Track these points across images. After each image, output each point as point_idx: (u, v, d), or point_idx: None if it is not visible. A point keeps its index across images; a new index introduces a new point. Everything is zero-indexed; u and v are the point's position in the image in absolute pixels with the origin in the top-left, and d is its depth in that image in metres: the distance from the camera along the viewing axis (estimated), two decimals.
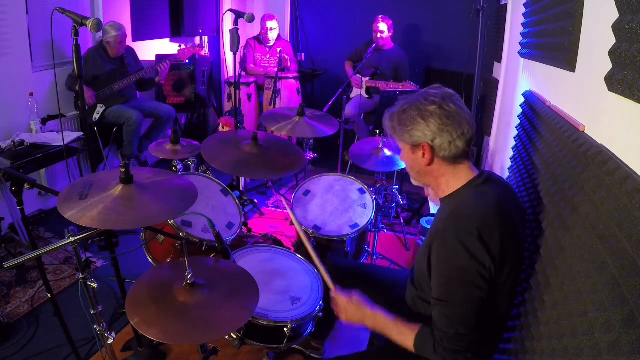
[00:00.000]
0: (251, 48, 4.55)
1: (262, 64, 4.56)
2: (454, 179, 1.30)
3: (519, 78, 2.51)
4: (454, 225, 1.19)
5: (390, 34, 4.10)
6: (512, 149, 2.15)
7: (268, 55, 4.55)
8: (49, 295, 1.75)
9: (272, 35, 4.45)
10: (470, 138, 1.26)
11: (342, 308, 1.45)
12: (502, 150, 2.63)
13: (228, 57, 4.54)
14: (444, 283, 1.21)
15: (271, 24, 4.39)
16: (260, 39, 4.53)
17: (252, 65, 4.55)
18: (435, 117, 1.22)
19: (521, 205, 1.39)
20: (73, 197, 1.28)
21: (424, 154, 1.27)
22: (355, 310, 1.42)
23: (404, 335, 1.31)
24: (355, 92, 4.36)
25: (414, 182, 1.42)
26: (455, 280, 1.18)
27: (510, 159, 2.17)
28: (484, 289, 1.17)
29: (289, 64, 4.50)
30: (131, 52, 3.71)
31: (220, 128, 3.60)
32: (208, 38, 4.90)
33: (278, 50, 4.48)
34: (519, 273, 1.29)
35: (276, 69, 4.19)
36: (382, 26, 4.03)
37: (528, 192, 1.59)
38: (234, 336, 1.63)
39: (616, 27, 0.94)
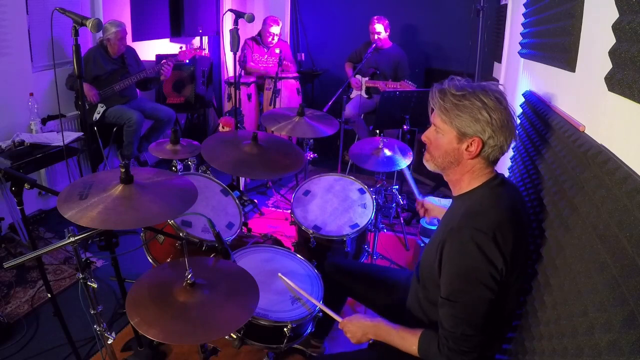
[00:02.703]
0: (249, 48, 4.54)
1: (261, 64, 4.56)
2: (477, 179, 1.29)
3: (519, 78, 2.51)
4: (470, 225, 1.18)
5: (388, 34, 4.10)
6: (512, 149, 2.14)
7: (266, 56, 4.55)
8: (49, 295, 1.75)
9: (274, 40, 4.45)
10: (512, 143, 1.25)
11: (347, 331, 1.48)
12: None
13: (228, 57, 4.55)
14: (454, 282, 1.20)
15: (275, 29, 4.37)
16: (259, 40, 4.53)
17: (251, 64, 4.54)
18: (500, 116, 1.18)
19: (528, 209, 1.39)
20: (73, 197, 1.28)
21: (468, 147, 1.23)
22: (356, 327, 1.45)
23: (407, 341, 1.31)
24: (355, 92, 4.36)
25: (430, 166, 1.34)
26: (467, 280, 1.18)
27: (510, 159, 2.17)
28: (494, 290, 1.16)
29: (289, 68, 4.51)
30: (132, 52, 3.71)
31: (220, 128, 3.60)
32: (208, 38, 4.90)
33: (277, 51, 4.48)
34: (525, 275, 1.29)
35: (275, 69, 4.19)
36: (379, 27, 4.03)
37: (528, 192, 1.59)
38: (234, 336, 1.63)
39: (616, 27, 0.94)
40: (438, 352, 1.22)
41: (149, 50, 4.21)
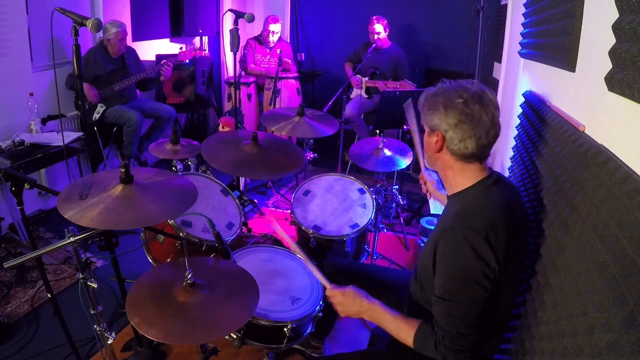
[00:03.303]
0: (251, 48, 4.55)
1: (262, 65, 4.56)
2: (462, 176, 1.30)
3: (519, 78, 2.51)
4: (462, 224, 1.19)
5: (387, 33, 4.10)
6: (512, 149, 2.15)
7: (268, 56, 4.55)
8: (49, 295, 1.75)
9: (274, 38, 4.46)
10: (485, 144, 1.24)
11: (338, 303, 1.43)
12: (502, 150, 2.63)
13: (228, 57, 4.55)
14: (448, 281, 1.21)
15: (274, 27, 4.38)
16: (261, 39, 4.53)
17: (252, 65, 4.55)
18: (455, 111, 1.22)
19: (526, 208, 1.39)
20: (73, 197, 1.28)
21: (437, 141, 1.28)
22: (351, 302, 1.40)
23: (403, 331, 1.31)
24: (355, 92, 4.36)
25: (427, 164, 1.43)
26: (460, 279, 1.18)
27: (510, 159, 2.17)
28: (487, 288, 1.17)
29: (290, 67, 4.52)
30: (132, 52, 3.71)
31: (220, 128, 3.60)
32: (208, 38, 4.90)
33: (278, 52, 4.49)
34: (521, 275, 1.29)
35: (276, 69, 4.20)
36: (378, 27, 4.03)
37: (528, 192, 1.59)
38: (234, 336, 1.63)
39: (616, 27, 0.94)
40: (434, 349, 1.23)
41: (149, 50, 4.21)
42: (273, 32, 4.40)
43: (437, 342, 1.22)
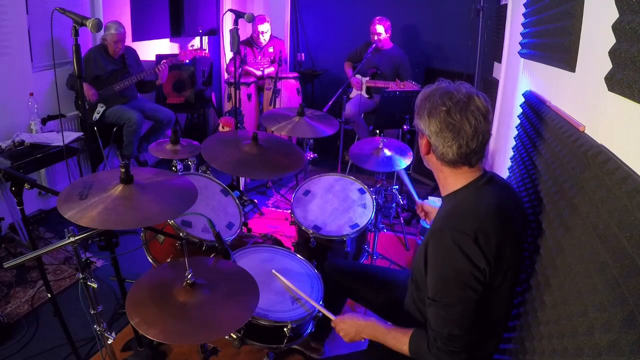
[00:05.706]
0: (239, 55, 4.48)
1: (254, 66, 4.55)
2: (452, 178, 1.31)
3: (519, 78, 2.51)
4: (451, 226, 1.19)
5: (388, 35, 4.10)
6: (512, 149, 2.16)
7: (259, 57, 4.54)
8: (49, 295, 1.75)
9: (265, 38, 4.44)
10: (468, 152, 1.23)
11: (340, 330, 1.48)
12: (502, 150, 2.63)
13: (228, 57, 4.53)
14: (438, 283, 1.21)
15: (263, 27, 4.37)
16: (251, 42, 4.52)
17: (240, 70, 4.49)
18: (437, 120, 1.22)
19: (523, 207, 1.39)
20: (73, 197, 1.28)
21: (425, 144, 1.31)
22: (349, 325, 1.46)
23: (399, 340, 1.32)
24: (354, 92, 4.36)
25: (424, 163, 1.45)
26: (450, 280, 1.18)
27: (510, 159, 2.17)
28: (477, 290, 1.17)
29: (282, 64, 4.49)
30: (132, 53, 3.72)
31: (220, 128, 3.60)
32: (208, 38, 4.90)
33: (270, 50, 4.48)
34: (517, 276, 1.29)
35: (270, 68, 4.17)
36: (379, 28, 4.03)
37: (528, 192, 1.59)
38: (234, 336, 1.63)
39: (616, 27, 0.94)
40: (428, 352, 1.23)
41: (149, 50, 4.22)
42: (263, 32, 4.39)
43: (430, 344, 1.23)
